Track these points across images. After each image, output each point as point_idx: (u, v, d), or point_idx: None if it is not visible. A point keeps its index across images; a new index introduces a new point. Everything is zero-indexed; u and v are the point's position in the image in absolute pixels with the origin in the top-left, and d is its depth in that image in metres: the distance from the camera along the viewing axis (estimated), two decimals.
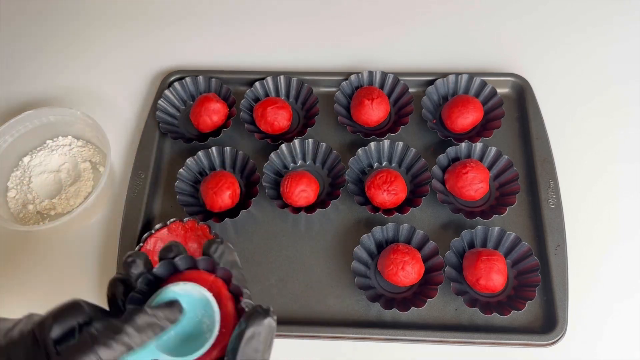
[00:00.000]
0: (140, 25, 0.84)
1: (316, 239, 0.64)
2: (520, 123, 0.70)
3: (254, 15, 0.84)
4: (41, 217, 0.66)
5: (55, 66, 0.80)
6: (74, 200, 0.66)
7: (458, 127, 0.67)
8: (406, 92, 0.70)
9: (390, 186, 0.61)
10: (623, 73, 0.75)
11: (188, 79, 0.73)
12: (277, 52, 0.80)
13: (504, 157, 0.65)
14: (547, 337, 0.55)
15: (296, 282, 0.61)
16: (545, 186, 0.64)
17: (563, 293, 0.57)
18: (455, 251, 0.60)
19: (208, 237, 0.60)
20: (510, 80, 0.72)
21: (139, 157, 0.68)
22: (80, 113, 0.67)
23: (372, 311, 0.59)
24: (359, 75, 0.72)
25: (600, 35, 0.79)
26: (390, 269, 0.56)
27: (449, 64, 0.77)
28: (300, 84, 0.72)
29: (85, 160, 0.70)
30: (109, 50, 0.82)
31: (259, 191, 0.64)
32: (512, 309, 0.56)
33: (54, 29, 0.84)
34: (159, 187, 0.68)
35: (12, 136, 0.67)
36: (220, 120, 0.68)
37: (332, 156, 0.66)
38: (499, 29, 0.81)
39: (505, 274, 0.56)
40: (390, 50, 0.79)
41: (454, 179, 0.62)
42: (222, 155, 0.67)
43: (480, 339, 0.56)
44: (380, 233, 0.61)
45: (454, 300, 0.59)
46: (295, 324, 0.58)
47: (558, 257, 0.60)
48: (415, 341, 0.56)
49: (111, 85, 0.78)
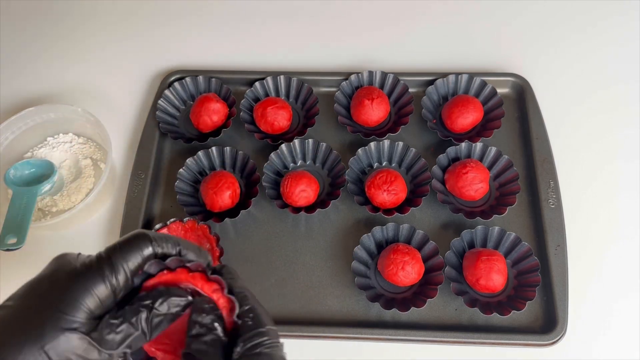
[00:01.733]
0: (141, 24, 0.84)
1: (316, 239, 0.64)
2: (520, 123, 0.70)
3: (254, 15, 0.84)
4: (42, 213, 0.66)
5: (56, 64, 0.80)
6: (75, 197, 0.67)
7: (458, 127, 0.67)
8: (406, 92, 0.70)
9: (390, 186, 0.61)
10: (623, 73, 0.75)
11: (188, 79, 0.73)
12: (277, 52, 0.80)
13: (504, 157, 0.65)
14: (547, 337, 0.55)
15: (296, 282, 0.61)
16: (545, 186, 0.64)
17: (563, 293, 0.57)
18: (455, 251, 0.60)
19: (208, 237, 0.60)
20: (510, 80, 0.72)
21: (139, 157, 0.68)
22: (81, 110, 0.67)
23: (372, 311, 0.59)
24: (359, 75, 0.72)
25: (600, 35, 0.79)
26: (390, 269, 0.56)
27: (449, 64, 0.77)
28: (300, 84, 0.72)
29: (86, 157, 0.70)
30: (109, 49, 0.82)
31: (259, 191, 0.64)
32: (512, 309, 0.56)
33: (55, 28, 0.84)
34: (159, 187, 0.68)
35: (13, 133, 0.68)
36: (220, 120, 0.68)
37: (332, 156, 0.66)
38: (499, 29, 0.81)
39: (505, 274, 0.56)
40: (390, 50, 0.79)
41: (454, 179, 0.62)
42: (222, 155, 0.67)
43: (480, 339, 0.56)
44: (380, 233, 0.61)
45: (454, 300, 0.59)
46: (295, 324, 0.58)
47: (558, 257, 0.60)
48: (415, 341, 0.56)
49: (111, 84, 0.78)
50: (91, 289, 0.30)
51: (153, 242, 0.32)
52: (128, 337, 0.31)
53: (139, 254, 0.32)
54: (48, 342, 0.28)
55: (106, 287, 0.31)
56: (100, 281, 0.30)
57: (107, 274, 0.31)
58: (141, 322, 0.31)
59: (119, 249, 0.32)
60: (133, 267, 0.32)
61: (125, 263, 0.31)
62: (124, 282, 0.31)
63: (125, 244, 0.32)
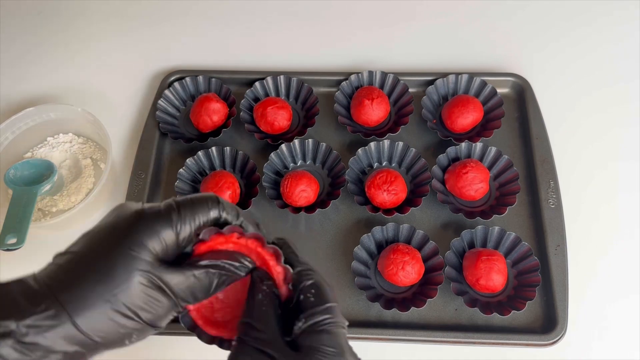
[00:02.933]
0: (141, 24, 0.84)
1: (316, 239, 0.64)
2: (520, 123, 0.70)
3: (254, 15, 0.84)
4: (42, 213, 0.66)
5: (56, 64, 0.80)
6: (76, 197, 0.67)
7: (458, 127, 0.67)
8: (406, 92, 0.70)
9: (390, 186, 0.61)
10: (623, 72, 0.75)
11: (188, 79, 0.73)
12: (277, 52, 0.80)
13: (504, 157, 0.65)
14: (547, 337, 0.55)
15: None
16: (545, 186, 0.64)
17: (563, 293, 0.57)
18: (455, 251, 0.60)
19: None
20: (510, 80, 0.72)
21: (139, 157, 0.68)
22: (81, 110, 0.67)
23: (372, 311, 0.59)
24: (359, 75, 0.72)
25: (600, 34, 0.79)
26: (390, 269, 0.56)
27: (449, 64, 0.77)
28: (300, 84, 0.72)
29: (86, 157, 0.70)
30: (109, 49, 0.82)
31: (259, 191, 0.64)
32: (512, 309, 0.56)
33: (55, 28, 0.84)
34: (159, 187, 0.68)
35: (13, 133, 0.68)
36: (220, 120, 0.68)
37: (332, 156, 0.66)
38: (499, 29, 0.81)
39: (505, 274, 0.56)
40: (390, 50, 0.79)
41: (454, 179, 0.62)
42: (222, 155, 0.67)
43: (480, 339, 0.56)
44: (380, 233, 0.61)
45: (454, 300, 0.59)
46: None
47: (558, 257, 0.60)
48: (415, 341, 0.56)
49: (111, 84, 0.78)
50: (159, 231, 0.30)
51: (220, 205, 0.32)
52: (194, 287, 0.30)
53: (206, 213, 0.32)
54: (119, 285, 0.28)
55: (173, 232, 0.30)
56: (168, 226, 0.30)
57: (175, 220, 0.30)
58: (210, 275, 0.31)
59: (189, 203, 0.32)
60: (198, 223, 0.31)
61: (192, 217, 0.31)
62: (189, 235, 0.31)
63: (196, 201, 0.32)
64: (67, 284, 0.28)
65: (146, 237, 0.29)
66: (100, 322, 0.28)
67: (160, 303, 0.30)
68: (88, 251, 0.29)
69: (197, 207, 0.32)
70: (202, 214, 0.32)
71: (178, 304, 0.31)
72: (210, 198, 0.32)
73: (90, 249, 0.29)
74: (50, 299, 0.27)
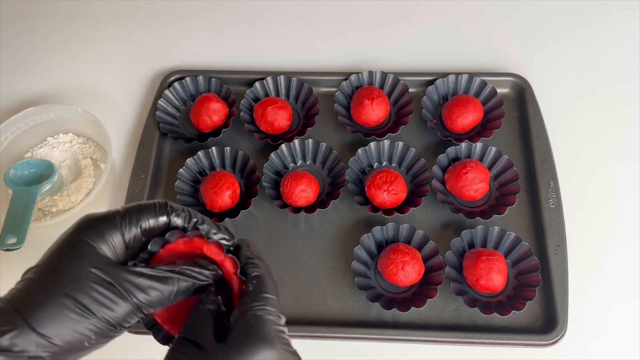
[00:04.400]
0: (141, 24, 0.84)
1: (316, 239, 0.64)
2: (520, 123, 0.70)
3: (254, 15, 0.84)
4: (42, 213, 0.66)
5: (56, 64, 0.80)
6: (76, 197, 0.67)
7: (458, 127, 0.67)
8: (406, 92, 0.70)
9: (390, 186, 0.61)
10: (623, 72, 0.75)
11: (188, 79, 0.73)
12: (277, 52, 0.80)
13: (504, 157, 0.65)
14: (547, 337, 0.55)
15: (296, 282, 0.61)
16: (545, 186, 0.64)
17: (563, 293, 0.57)
18: (455, 251, 0.60)
19: None
20: (510, 80, 0.72)
21: (139, 157, 0.68)
22: (81, 110, 0.67)
23: (372, 311, 0.59)
24: (359, 75, 0.72)
25: (600, 34, 0.79)
26: (390, 269, 0.56)
27: (449, 64, 0.77)
28: (300, 84, 0.72)
29: (86, 157, 0.70)
30: (109, 49, 0.82)
31: (259, 191, 0.64)
32: (512, 309, 0.56)
33: (55, 28, 0.84)
34: (159, 187, 0.68)
35: (13, 133, 0.68)
36: (220, 120, 0.68)
37: (332, 156, 0.67)
38: (499, 29, 0.81)
39: (505, 274, 0.56)
40: (390, 50, 0.79)
41: (454, 179, 0.62)
42: (222, 155, 0.67)
43: (480, 339, 0.56)
44: (380, 233, 0.61)
45: (454, 300, 0.59)
46: (295, 324, 0.58)
47: (558, 257, 0.60)
48: (415, 341, 0.56)
49: (111, 84, 0.78)
50: (104, 232, 0.32)
51: (169, 209, 0.34)
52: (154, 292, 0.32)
53: (152, 216, 0.34)
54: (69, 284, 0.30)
55: (119, 233, 0.32)
56: (112, 227, 0.32)
57: (119, 222, 0.32)
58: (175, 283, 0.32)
59: (135, 207, 0.34)
60: (146, 227, 0.33)
61: (137, 219, 0.33)
62: (134, 236, 0.33)
63: (143, 206, 0.34)
64: (23, 291, 0.30)
65: (93, 237, 0.31)
66: (56, 322, 0.29)
67: (112, 300, 0.30)
68: (44, 260, 0.32)
69: (143, 210, 0.33)
70: (148, 216, 0.33)
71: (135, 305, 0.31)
72: (158, 202, 0.34)
73: (45, 257, 0.32)
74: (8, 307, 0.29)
